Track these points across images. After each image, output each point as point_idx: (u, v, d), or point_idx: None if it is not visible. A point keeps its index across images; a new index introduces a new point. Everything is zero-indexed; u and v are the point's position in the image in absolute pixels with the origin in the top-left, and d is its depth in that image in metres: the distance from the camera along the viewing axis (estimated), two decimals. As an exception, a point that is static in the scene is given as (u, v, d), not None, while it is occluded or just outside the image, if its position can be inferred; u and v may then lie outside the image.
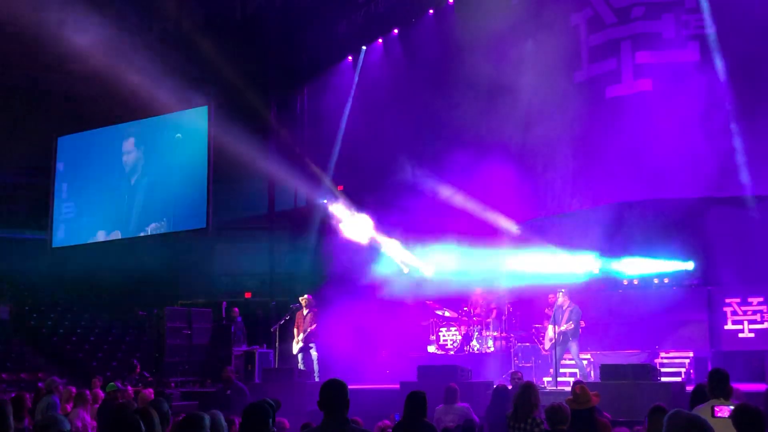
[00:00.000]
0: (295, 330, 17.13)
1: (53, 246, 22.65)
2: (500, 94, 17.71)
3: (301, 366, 16.85)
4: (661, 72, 17.06)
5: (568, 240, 17.35)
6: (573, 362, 15.53)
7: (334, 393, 5.25)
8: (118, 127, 22.00)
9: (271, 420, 5.37)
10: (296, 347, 17.02)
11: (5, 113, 22.91)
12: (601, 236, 16.96)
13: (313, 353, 16.94)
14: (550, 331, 15.19)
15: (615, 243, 17.28)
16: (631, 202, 17.46)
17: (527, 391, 7.87)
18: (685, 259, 16.64)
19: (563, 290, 15.33)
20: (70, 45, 19.93)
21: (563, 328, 14.94)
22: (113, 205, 22.18)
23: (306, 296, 17.29)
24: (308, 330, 16.86)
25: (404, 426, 7.52)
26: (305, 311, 17.05)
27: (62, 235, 22.77)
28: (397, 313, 19.37)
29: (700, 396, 7.41)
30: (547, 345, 15.38)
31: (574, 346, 15.04)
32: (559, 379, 14.58)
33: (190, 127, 20.68)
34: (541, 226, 18.41)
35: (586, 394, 7.28)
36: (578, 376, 14.64)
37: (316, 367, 16.86)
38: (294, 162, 23.40)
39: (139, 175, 21.89)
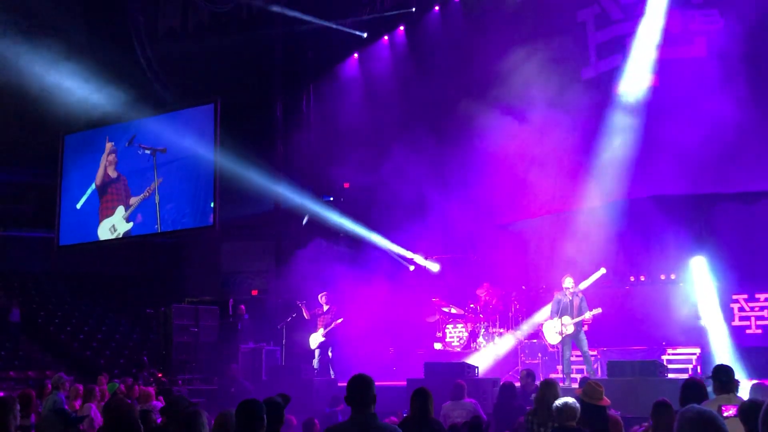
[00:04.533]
0: (319, 321, 17.12)
1: (60, 244, 22.66)
2: (507, 91, 17.68)
3: (316, 361, 16.84)
4: (668, 68, 17.02)
5: (572, 237, 17.32)
6: (579, 358, 15.32)
7: (361, 387, 5.25)
8: (125, 125, 21.99)
9: (267, 416, 5.35)
10: (315, 342, 17.01)
11: (12, 112, 22.94)
12: (608, 233, 16.94)
13: (329, 352, 16.97)
14: (556, 324, 14.50)
15: (622, 239, 17.26)
16: (639, 198, 17.42)
17: (549, 391, 7.78)
18: (693, 254, 16.58)
19: (571, 277, 14.60)
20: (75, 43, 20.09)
21: (587, 316, 14.26)
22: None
23: (324, 293, 17.33)
24: (334, 324, 16.87)
25: (411, 422, 7.51)
26: (325, 307, 17.11)
27: (69, 233, 22.74)
28: (404, 310, 19.40)
29: (692, 390, 7.32)
30: (555, 340, 14.70)
31: (583, 338, 14.38)
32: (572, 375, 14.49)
33: (197, 124, 20.65)
34: (549, 223, 18.38)
35: (598, 390, 7.23)
36: (585, 372, 14.56)
37: (320, 363, 16.89)
38: (300, 159, 23.42)
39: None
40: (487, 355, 16.72)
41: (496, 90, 17.81)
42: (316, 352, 17.04)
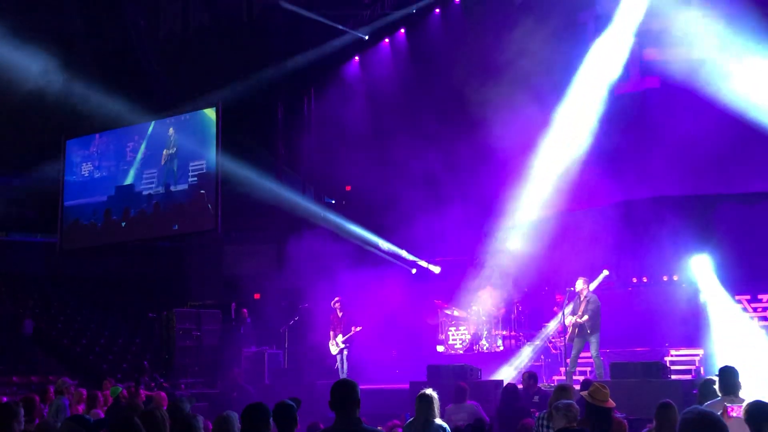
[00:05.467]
0: (332, 332, 17.08)
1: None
2: (508, 93, 17.68)
3: (340, 367, 16.80)
4: (669, 69, 17.01)
5: (575, 239, 17.31)
6: (584, 360, 15.25)
7: (344, 392, 5.25)
8: (127, 129, 22.03)
9: (282, 418, 5.38)
10: (336, 348, 16.98)
11: (13, 116, 22.98)
12: (610, 235, 16.93)
13: (345, 353, 16.93)
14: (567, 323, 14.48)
15: (624, 241, 17.25)
16: (641, 199, 17.41)
17: (564, 395, 7.72)
18: (695, 256, 16.57)
19: (583, 278, 14.51)
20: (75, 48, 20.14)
21: (582, 320, 14.09)
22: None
23: (337, 298, 17.29)
24: (353, 330, 16.81)
25: (416, 425, 7.51)
26: (340, 313, 17.06)
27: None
28: (406, 312, 19.40)
29: (708, 390, 7.37)
30: (569, 339, 14.53)
31: (594, 342, 14.18)
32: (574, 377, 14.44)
33: (199, 127, 20.69)
34: (551, 225, 18.37)
35: (603, 391, 7.18)
36: (591, 375, 14.52)
37: (345, 366, 16.84)
38: (302, 162, 23.43)
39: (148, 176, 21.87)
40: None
41: (497, 93, 17.77)
42: (338, 358, 17.00)
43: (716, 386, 7.37)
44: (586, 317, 14.17)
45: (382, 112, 21.26)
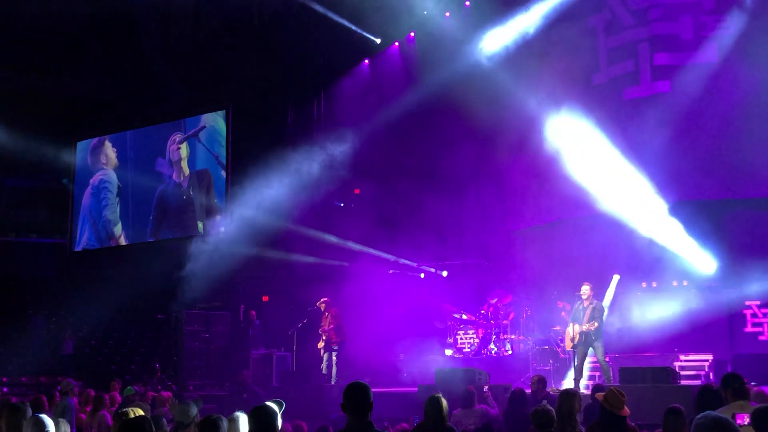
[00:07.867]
0: (321, 333, 17.17)
1: (74, 250, 22.70)
2: (517, 96, 17.65)
3: (324, 368, 16.84)
4: (680, 73, 16.97)
5: (585, 243, 17.27)
6: (595, 364, 15.14)
7: (357, 395, 5.24)
8: (137, 131, 22.06)
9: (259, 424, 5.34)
10: (321, 347, 17.10)
11: (25, 117, 23.06)
12: (620, 239, 16.87)
13: (333, 356, 16.93)
14: (570, 331, 14.10)
15: (634, 246, 17.19)
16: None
17: (568, 401, 7.63)
18: (704, 260, 16.51)
19: (589, 284, 14.15)
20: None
21: (585, 328, 13.73)
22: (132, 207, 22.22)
23: (323, 299, 17.30)
24: (329, 330, 16.86)
25: (424, 429, 7.48)
26: (326, 314, 17.10)
27: (84, 239, 22.79)
28: (415, 316, 19.37)
29: (709, 397, 7.31)
30: (568, 345, 14.23)
31: (599, 347, 13.86)
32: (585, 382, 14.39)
33: (208, 129, 20.71)
34: (561, 229, 18.33)
35: (619, 399, 7.07)
36: (600, 380, 14.47)
37: (334, 370, 16.84)
38: (311, 165, 23.39)
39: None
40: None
41: (507, 95, 17.75)
42: (324, 357, 17.07)
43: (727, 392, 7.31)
44: (596, 324, 13.79)
45: (391, 115, 21.20)
